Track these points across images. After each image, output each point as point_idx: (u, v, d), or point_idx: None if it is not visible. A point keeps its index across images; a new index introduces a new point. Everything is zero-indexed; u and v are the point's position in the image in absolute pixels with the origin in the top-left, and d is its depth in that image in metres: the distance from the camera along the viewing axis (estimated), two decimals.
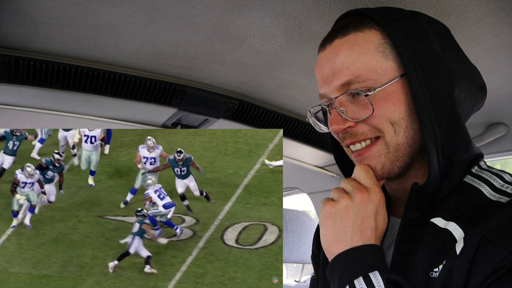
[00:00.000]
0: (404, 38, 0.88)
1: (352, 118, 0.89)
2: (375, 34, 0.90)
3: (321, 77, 0.94)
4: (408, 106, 0.88)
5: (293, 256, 2.50)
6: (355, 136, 0.90)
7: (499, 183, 0.86)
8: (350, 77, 0.88)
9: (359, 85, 0.87)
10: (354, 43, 0.89)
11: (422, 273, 0.82)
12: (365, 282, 0.81)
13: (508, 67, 1.36)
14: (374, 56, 0.88)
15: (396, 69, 0.88)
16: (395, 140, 0.88)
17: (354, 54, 0.88)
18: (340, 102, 0.90)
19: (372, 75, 0.87)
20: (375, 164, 0.90)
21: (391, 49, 0.88)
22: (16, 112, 1.79)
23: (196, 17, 1.26)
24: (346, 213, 0.87)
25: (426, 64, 0.87)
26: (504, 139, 1.74)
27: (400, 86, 0.88)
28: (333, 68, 0.90)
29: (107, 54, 1.49)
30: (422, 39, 0.90)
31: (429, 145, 0.85)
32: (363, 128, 0.89)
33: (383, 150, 0.89)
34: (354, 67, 0.88)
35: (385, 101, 0.87)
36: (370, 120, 0.88)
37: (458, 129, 0.89)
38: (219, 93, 1.74)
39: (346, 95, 0.90)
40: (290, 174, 2.82)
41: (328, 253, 0.89)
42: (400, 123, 0.88)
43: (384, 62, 0.88)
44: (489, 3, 1.09)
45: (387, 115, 0.87)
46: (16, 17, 1.28)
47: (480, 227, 0.78)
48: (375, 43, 0.89)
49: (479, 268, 0.76)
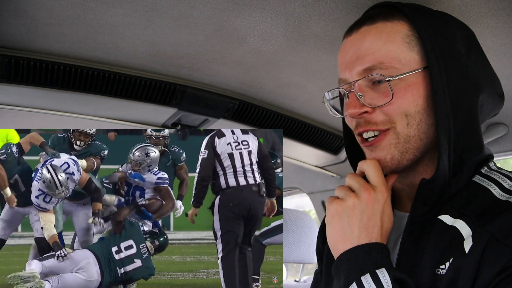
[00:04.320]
0: (431, 33, 0.89)
1: (369, 104, 0.90)
2: (403, 25, 0.91)
3: (343, 62, 0.94)
4: (426, 100, 0.88)
5: (293, 256, 2.49)
6: (369, 124, 0.91)
7: (508, 183, 0.86)
8: (373, 62, 0.89)
9: (382, 72, 0.88)
10: (381, 31, 0.90)
11: (429, 269, 0.82)
12: (372, 280, 0.81)
13: (508, 67, 1.36)
14: (399, 45, 0.89)
15: (419, 62, 0.89)
16: (407, 131, 0.89)
17: (380, 41, 0.89)
18: (359, 87, 0.91)
19: (396, 63, 0.88)
20: (385, 155, 0.90)
21: (417, 42, 0.90)
22: (16, 112, 1.79)
23: (196, 17, 1.26)
24: (353, 211, 0.87)
25: (449, 62, 0.88)
26: (504, 139, 1.74)
27: (421, 78, 0.88)
28: (358, 53, 0.91)
29: (107, 54, 1.49)
30: (448, 38, 0.90)
31: (442, 139, 0.86)
32: (378, 118, 0.90)
33: (393, 140, 0.89)
34: (378, 54, 0.89)
35: (405, 91, 0.88)
36: (387, 108, 0.88)
37: (473, 130, 0.90)
38: (219, 93, 1.74)
39: (366, 80, 0.90)
40: (290, 174, 2.82)
41: (334, 251, 0.90)
42: (415, 116, 0.88)
43: (408, 53, 0.89)
44: (489, 3, 1.09)
45: (405, 106, 0.88)
46: (16, 17, 1.28)
47: (488, 226, 0.79)
48: (402, 33, 0.90)
49: (487, 266, 0.76)
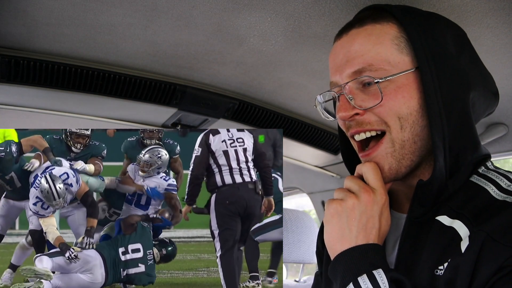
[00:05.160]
0: (421, 34, 0.89)
1: (360, 106, 0.90)
2: (392, 27, 0.91)
3: (334, 65, 0.94)
4: (417, 102, 0.88)
5: (293, 256, 2.49)
6: (361, 125, 0.90)
7: (506, 183, 0.85)
8: (363, 64, 0.89)
9: (371, 74, 0.88)
10: (370, 33, 0.90)
11: (427, 270, 0.82)
12: (369, 280, 0.81)
13: (508, 67, 1.36)
14: (388, 47, 0.89)
15: (409, 63, 0.89)
16: (401, 136, 0.88)
17: (369, 44, 0.89)
18: (350, 89, 0.91)
19: (385, 65, 0.88)
20: (383, 165, 0.90)
21: (406, 44, 0.89)
22: (16, 112, 1.79)
23: (196, 17, 1.26)
24: (353, 212, 0.87)
25: (439, 62, 0.88)
26: (504, 139, 1.74)
27: (412, 80, 0.88)
28: (347, 56, 0.91)
29: (107, 54, 1.49)
30: (438, 39, 0.90)
31: (436, 141, 0.85)
32: (370, 118, 0.90)
33: (389, 148, 0.89)
34: (367, 56, 0.89)
35: (395, 93, 0.87)
36: (378, 110, 0.88)
37: (467, 130, 0.89)
38: (219, 93, 1.74)
39: (356, 83, 0.90)
40: (290, 174, 2.82)
41: (331, 251, 0.89)
42: (408, 118, 0.88)
43: (398, 55, 0.89)
44: (489, 3, 1.09)
45: (396, 108, 0.88)
46: (16, 17, 1.27)
47: (485, 225, 0.78)
48: (391, 35, 0.90)
49: (484, 266, 0.76)
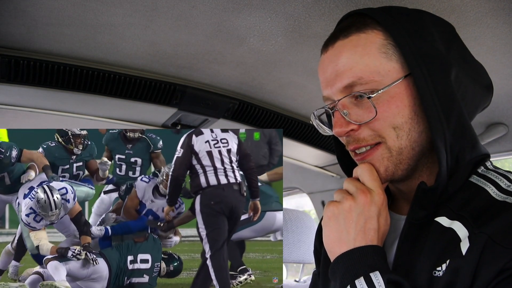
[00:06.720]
0: (407, 37, 0.86)
1: (355, 121, 0.88)
2: (377, 34, 0.88)
3: (324, 79, 0.93)
4: (412, 108, 0.86)
5: (293, 256, 2.49)
6: (358, 141, 0.89)
7: (505, 183, 0.84)
8: (352, 79, 0.87)
9: (362, 87, 0.86)
10: (356, 44, 0.88)
11: (425, 271, 0.82)
12: (366, 282, 0.80)
13: (508, 67, 1.36)
14: (376, 57, 0.87)
15: (399, 70, 0.87)
16: (398, 144, 0.87)
17: (357, 56, 0.87)
18: (343, 104, 0.89)
19: (375, 76, 0.86)
20: (378, 166, 0.89)
21: (394, 50, 0.87)
22: (16, 112, 1.79)
23: (196, 17, 1.26)
24: (350, 213, 0.87)
25: (431, 64, 0.85)
26: (504, 139, 1.74)
27: (404, 87, 0.86)
28: (336, 70, 0.89)
29: (107, 54, 1.49)
30: (426, 38, 0.88)
31: (439, 145, 0.84)
32: (365, 133, 0.88)
33: (386, 154, 0.88)
34: (356, 69, 0.86)
35: (389, 104, 0.86)
36: (373, 124, 0.87)
37: (465, 128, 0.88)
38: (219, 93, 1.74)
39: (349, 97, 0.88)
40: (290, 174, 2.82)
41: (330, 253, 0.89)
42: (403, 127, 0.86)
43: (387, 63, 0.87)
44: (489, 3, 1.09)
45: (390, 118, 0.86)
46: (16, 17, 1.28)
47: (486, 227, 0.78)
48: (377, 44, 0.87)
49: (485, 268, 0.75)
